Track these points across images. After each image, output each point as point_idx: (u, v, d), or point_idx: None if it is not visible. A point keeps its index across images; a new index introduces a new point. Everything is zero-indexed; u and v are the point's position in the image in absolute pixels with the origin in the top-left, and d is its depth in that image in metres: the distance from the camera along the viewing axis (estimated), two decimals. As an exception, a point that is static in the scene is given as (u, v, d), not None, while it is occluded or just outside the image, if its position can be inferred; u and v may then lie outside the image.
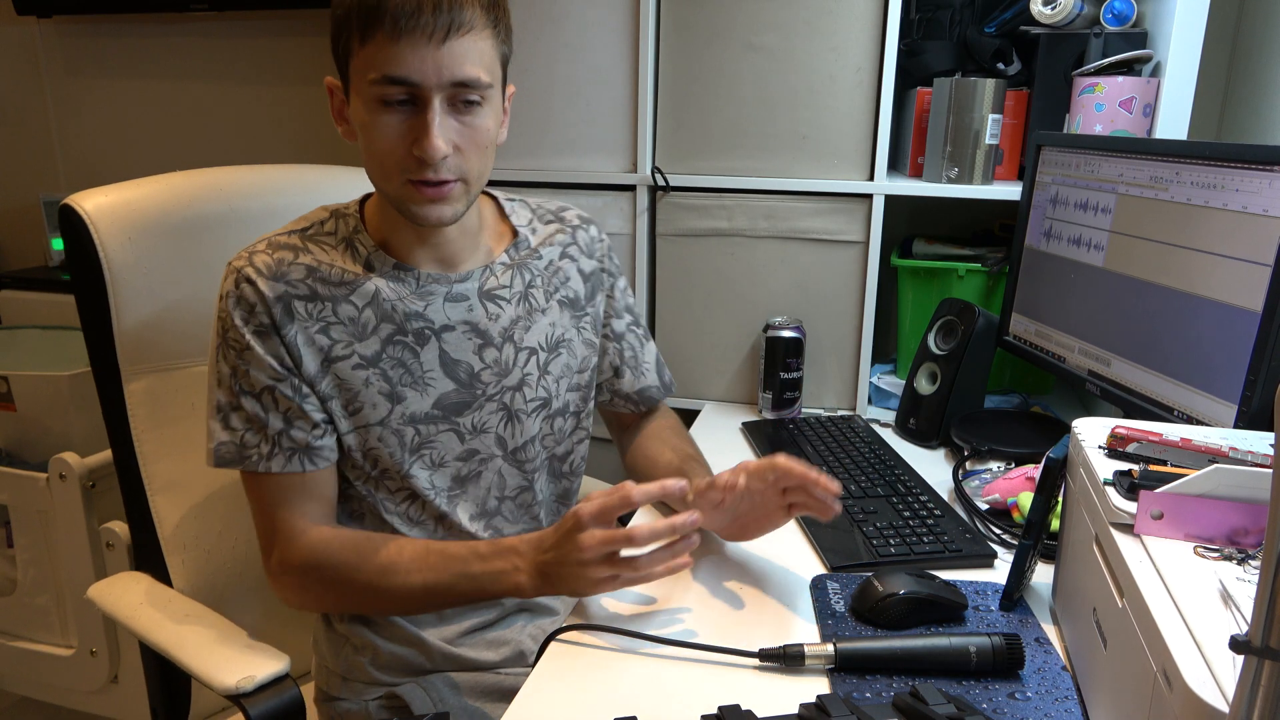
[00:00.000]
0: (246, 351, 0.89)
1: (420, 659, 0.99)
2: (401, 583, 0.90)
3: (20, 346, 2.03)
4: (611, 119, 1.48)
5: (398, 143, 0.85)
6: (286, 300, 0.89)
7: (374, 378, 0.93)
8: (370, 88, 0.83)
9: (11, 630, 1.84)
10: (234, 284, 0.89)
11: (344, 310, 0.92)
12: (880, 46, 1.35)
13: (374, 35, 0.81)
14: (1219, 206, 0.97)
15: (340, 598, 0.95)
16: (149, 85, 2.52)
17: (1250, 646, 0.43)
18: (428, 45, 0.81)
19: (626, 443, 1.18)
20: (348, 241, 0.94)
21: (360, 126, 0.86)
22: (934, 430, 1.33)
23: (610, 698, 0.76)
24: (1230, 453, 0.74)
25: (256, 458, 0.89)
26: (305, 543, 0.91)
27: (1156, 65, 1.30)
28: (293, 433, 0.90)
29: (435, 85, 0.83)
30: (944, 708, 0.66)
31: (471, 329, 0.97)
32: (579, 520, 0.84)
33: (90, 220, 0.99)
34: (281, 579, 0.92)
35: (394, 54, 0.81)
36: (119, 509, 1.09)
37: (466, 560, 0.90)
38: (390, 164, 0.86)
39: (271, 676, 0.87)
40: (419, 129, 0.84)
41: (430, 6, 0.80)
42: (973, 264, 1.44)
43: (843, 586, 0.93)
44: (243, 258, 0.90)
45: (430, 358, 0.95)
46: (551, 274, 1.04)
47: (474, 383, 0.97)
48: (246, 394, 0.90)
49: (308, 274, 0.91)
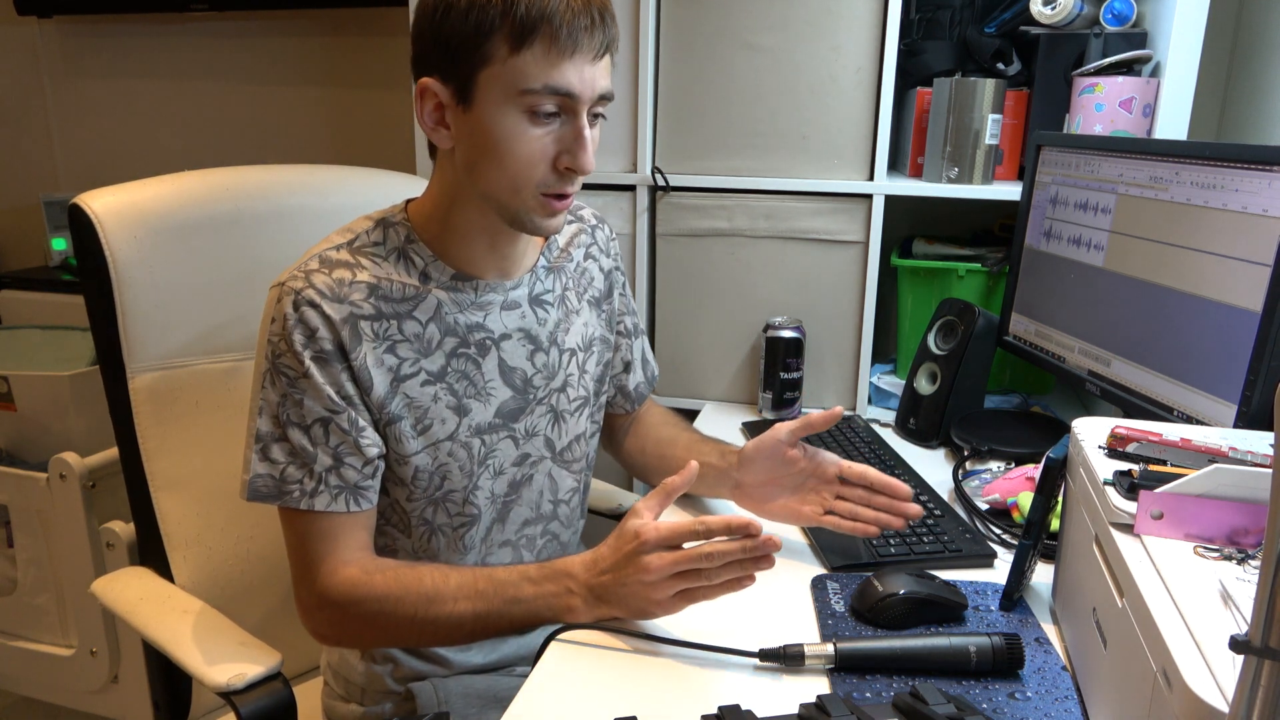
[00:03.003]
0: (303, 379, 0.85)
1: (440, 671, 0.98)
2: (449, 612, 0.85)
3: (20, 346, 2.03)
4: (611, 119, 1.47)
5: (541, 154, 0.84)
6: (353, 322, 0.86)
7: (441, 392, 0.91)
8: (522, 97, 0.81)
9: (11, 630, 1.83)
10: (291, 307, 0.84)
11: (409, 327, 0.89)
12: (880, 46, 1.35)
13: (532, 45, 0.80)
14: (1219, 206, 0.97)
15: (382, 632, 0.89)
16: (149, 85, 2.52)
17: (1250, 646, 0.43)
18: (589, 61, 0.82)
19: (623, 438, 1.18)
20: (400, 252, 0.90)
21: (490, 135, 0.83)
22: (934, 430, 1.33)
23: (610, 698, 0.76)
24: (1230, 453, 0.74)
25: (299, 494, 0.85)
26: (345, 576, 0.86)
27: (1156, 65, 1.30)
28: (342, 471, 0.86)
29: (588, 99, 0.83)
30: (944, 708, 0.66)
31: (525, 335, 0.96)
32: (643, 542, 0.81)
33: (98, 219, 1.00)
34: (317, 615, 0.88)
35: (560, 66, 0.80)
36: (119, 509, 1.09)
37: (517, 585, 0.86)
38: (529, 175, 0.84)
39: (263, 675, 0.87)
40: (569, 141, 0.84)
41: (598, 23, 0.81)
42: (973, 264, 1.44)
43: (843, 586, 0.93)
44: (299, 279, 0.85)
45: (491, 367, 0.94)
46: (580, 274, 1.04)
47: (527, 388, 0.97)
48: (294, 425, 0.85)
49: (370, 292, 0.87)
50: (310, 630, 0.90)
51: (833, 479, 0.99)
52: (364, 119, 2.38)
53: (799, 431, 0.98)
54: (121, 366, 1.03)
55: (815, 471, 0.99)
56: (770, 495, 1.01)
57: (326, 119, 2.41)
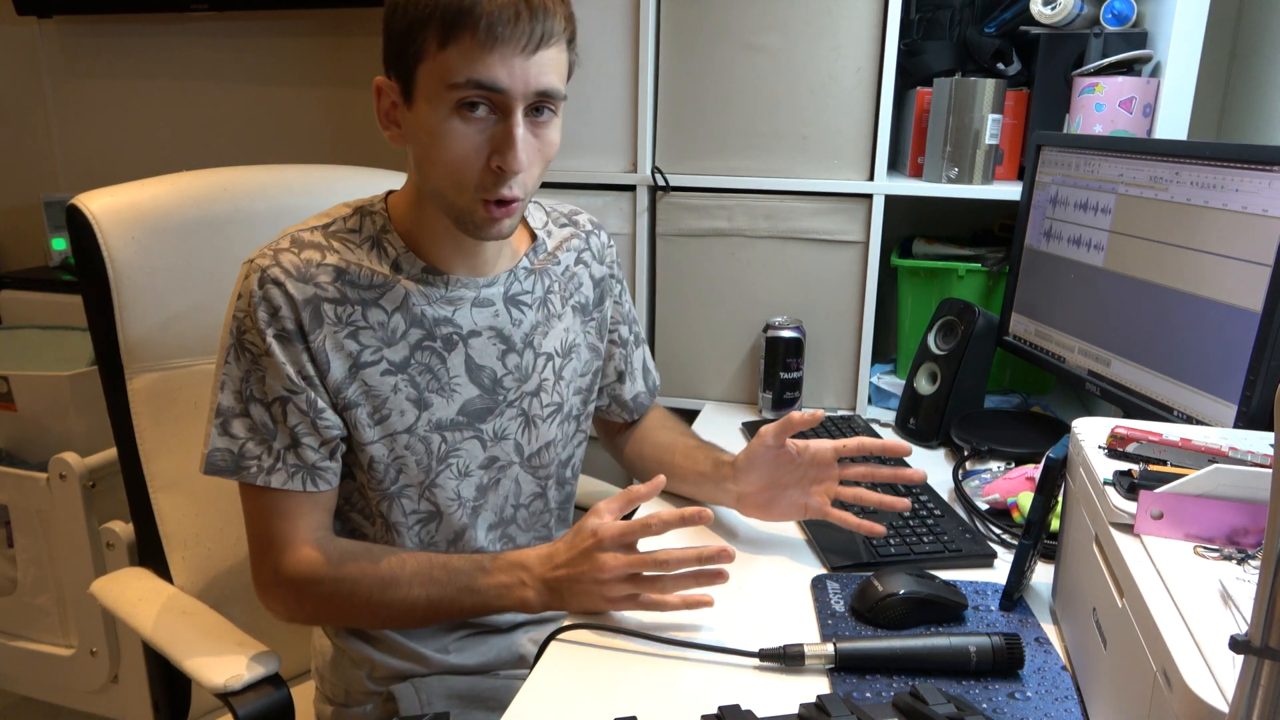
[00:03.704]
0: (264, 357, 0.85)
1: (418, 669, 0.99)
2: (403, 597, 0.87)
3: (20, 346, 2.03)
4: (611, 119, 1.48)
5: (474, 153, 0.82)
6: (315, 303, 0.86)
7: (402, 384, 0.91)
8: (449, 92, 0.80)
9: (11, 630, 1.84)
10: (257, 284, 0.85)
11: (373, 315, 0.89)
12: (880, 46, 1.35)
13: (460, 39, 0.78)
14: (1219, 206, 0.97)
15: (337, 612, 0.92)
16: (149, 85, 2.52)
17: (1250, 646, 0.43)
18: (518, 54, 0.79)
19: (622, 441, 1.18)
20: (374, 240, 0.91)
21: (428, 132, 0.83)
22: (934, 430, 1.33)
23: (610, 698, 0.76)
24: (1230, 453, 0.74)
25: (256, 469, 0.86)
26: (302, 555, 0.88)
27: (1156, 65, 1.30)
28: (300, 450, 0.87)
29: (521, 95, 0.81)
30: (944, 708, 0.66)
31: (497, 334, 0.96)
32: (599, 540, 0.84)
33: (95, 221, 1.00)
34: (273, 591, 0.89)
35: (484, 60, 0.79)
36: (119, 509, 1.09)
37: (471, 574, 0.88)
38: (466, 175, 0.83)
39: (260, 676, 0.87)
40: (500, 139, 0.82)
41: (526, 15, 0.79)
42: (973, 264, 1.44)
43: (843, 586, 0.93)
44: (267, 256, 0.86)
45: (457, 363, 0.94)
46: (568, 279, 1.04)
47: (496, 388, 0.96)
48: (256, 401, 0.86)
49: (336, 276, 0.87)
50: (266, 607, 0.91)
51: (832, 462, 0.98)
52: (364, 119, 2.38)
53: (783, 431, 0.97)
54: (120, 367, 1.03)
55: (814, 461, 0.98)
56: (773, 499, 1.00)
57: (326, 119, 2.41)
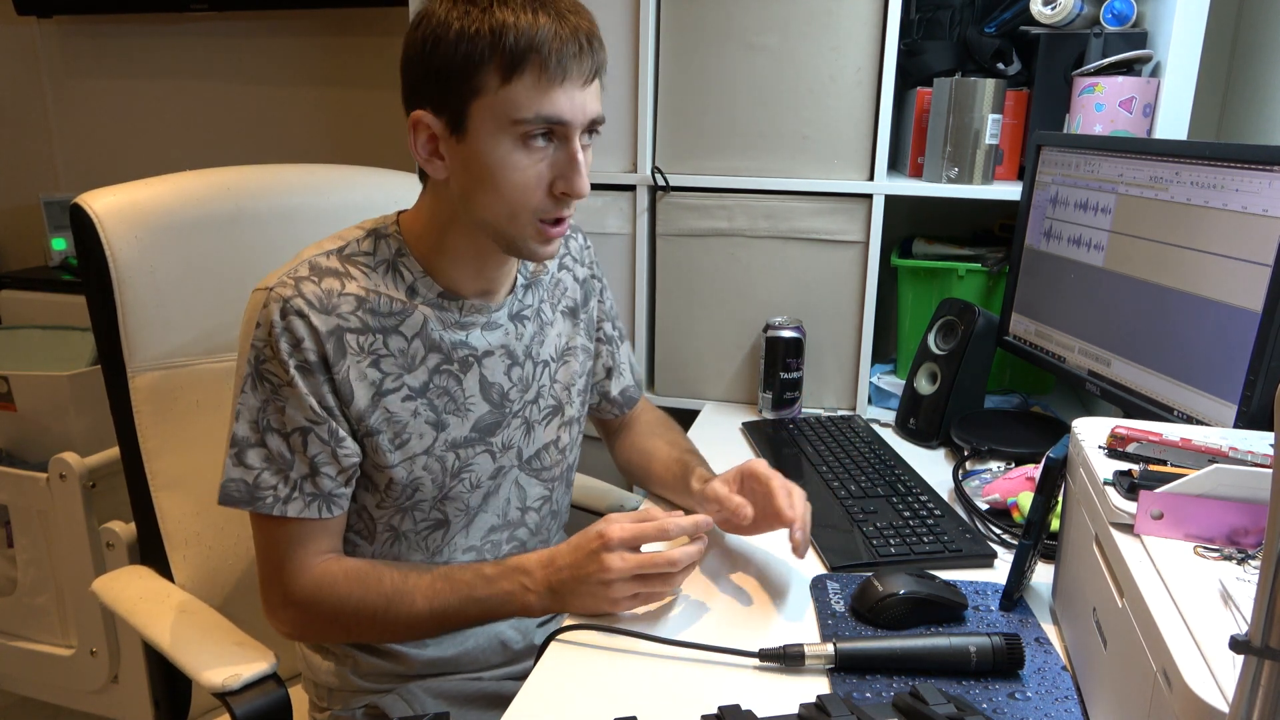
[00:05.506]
0: (285, 388, 0.85)
1: (399, 667, 0.99)
2: (408, 611, 0.88)
3: (20, 346, 2.03)
4: (611, 119, 1.47)
5: (536, 181, 0.84)
6: (339, 334, 0.86)
7: (422, 408, 0.91)
8: (514, 127, 0.82)
9: (11, 630, 1.84)
10: (279, 314, 0.84)
11: (394, 343, 0.89)
12: (880, 46, 1.35)
13: (524, 76, 0.80)
14: (1219, 206, 0.97)
15: (345, 631, 0.93)
16: (149, 85, 2.52)
17: (1250, 646, 0.43)
18: (578, 86, 0.83)
19: (616, 442, 1.20)
20: (389, 264, 0.90)
21: (486, 165, 0.83)
22: (934, 430, 1.33)
23: (610, 698, 0.77)
24: (1230, 453, 0.74)
25: (272, 500, 0.86)
26: (310, 578, 0.88)
27: (1156, 65, 1.30)
28: (318, 480, 0.87)
29: (580, 124, 0.84)
30: (944, 708, 0.66)
31: (505, 351, 0.97)
32: (606, 541, 0.84)
33: (98, 219, 1.00)
34: (281, 613, 0.90)
35: (551, 95, 0.81)
36: (119, 509, 1.09)
37: (472, 584, 0.89)
38: (526, 202, 0.85)
39: (258, 676, 0.87)
40: (563, 166, 0.84)
41: (586, 49, 0.82)
42: (973, 264, 1.44)
43: (843, 586, 0.93)
44: (288, 285, 0.85)
45: (472, 384, 0.95)
46: (554, 286, 1.05)
47: (504, 402, 0.97)
48: (274, 431, 0.86)
49: (358, 305, 0.87)
50: (275, 628, 0.92)
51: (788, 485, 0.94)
52: (364, 119, 2.38)
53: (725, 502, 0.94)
54: (122, 366, 1.03)
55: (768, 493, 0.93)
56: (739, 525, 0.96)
57: (326, 119, 2.41)
